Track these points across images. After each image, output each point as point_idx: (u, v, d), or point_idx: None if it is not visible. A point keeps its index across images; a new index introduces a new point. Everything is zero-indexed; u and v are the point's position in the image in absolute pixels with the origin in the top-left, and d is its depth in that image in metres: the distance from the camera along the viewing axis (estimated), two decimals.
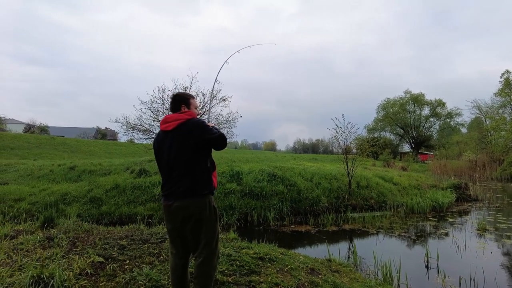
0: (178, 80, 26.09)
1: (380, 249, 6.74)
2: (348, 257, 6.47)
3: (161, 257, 3.70)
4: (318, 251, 7.06)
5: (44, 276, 2.82)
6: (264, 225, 9.15)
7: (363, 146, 14.32)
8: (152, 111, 14.82)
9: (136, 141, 20.84)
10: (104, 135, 55.59)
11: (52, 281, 2.80)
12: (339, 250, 6.52)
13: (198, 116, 2.98)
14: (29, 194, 9.93)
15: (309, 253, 6.04)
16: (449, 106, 49.58)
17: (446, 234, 8.58)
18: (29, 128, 46.10)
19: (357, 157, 12.54)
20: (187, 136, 2.69)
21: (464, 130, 48.62)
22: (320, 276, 3.92)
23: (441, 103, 47.75)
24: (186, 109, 2.84)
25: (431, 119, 49.20)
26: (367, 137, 34.63)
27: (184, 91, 3.10)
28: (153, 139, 16.18)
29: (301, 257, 4.68)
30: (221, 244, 4.40)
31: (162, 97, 14.42)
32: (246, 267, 3.64)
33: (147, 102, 14.66)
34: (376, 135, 46.38)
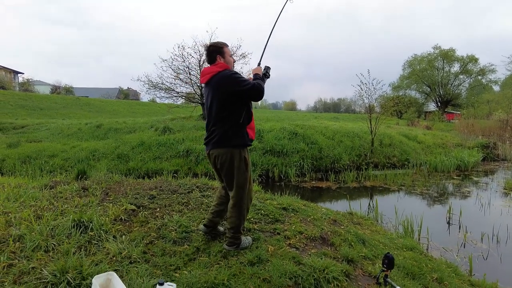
0: (198, 37, 25.64)
1: (401, 205, 6.78)
2: (369, 212, 6.56)
3: (190, 206, 3.88)
4: (339, 206, 7.19)
5: (84, 220, 3.04)
6: (285, 181, 9.33)
7: (387, 105, 13.92)
8: (172, 69, 14.81)
9: (158, 100, 21.05)
10: (126, 95, 56.26)
11: (91, 224, 3.03)
12: (360, 205, 6.61)
13: (234, 63, 3.03)
14: (61, 151, 10.42)
15: (330, 208, 6.17)
16: (483, 62, 46.48)
17: (470, 193, 8.49)
18: (55, 89, 47.23)
19: (381, 115, 12.23)
20: (217, 89, 2.76)
21: (496, 88, 45.86)
22: (342, 227, 4.02)
23: (473, 59, 44.71)
24: (221, 59, 2.87)
25: (461, 76, 46.46)
26: (392, 95, 33.44)
27: (218, 41, 3.13)
28: (174, 98, 16.31)
29: (323, 209, 4.79)
30: None
31: (182, 55, 14.29)
32: (271, 216, 3.78)
33: (168, 60, 14.60)
34: (401, 93, 44.64)
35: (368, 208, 7.00)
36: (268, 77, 3.04)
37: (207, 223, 3.13)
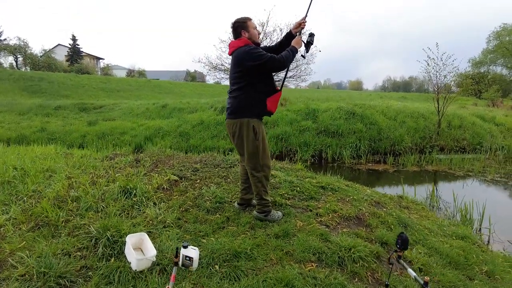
0: (256, 15, 25.59)
1: (464, 193, 6.17)
2: (426, 198, 6.11)
3: (228, 179, 4.05)
4: (393, 190, 6.82)
5: (129, 187, 3.38)
6: (338, 162, 9.09)
7: (465, 83, 12.46)
8: None
9: (220, 81, 21.69)
10: (193, 77, 58.86)
11: (135, 191, 3.35)
12: (415, 190, 6.17)
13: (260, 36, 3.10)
14: (130, 128, 11.43)
15: (382, 191, 5.87)
16: None
17: None
18: (130, 73, 51.42)
19: (449, 94, 10.96)
20: (235, 63, 2.94)
21: None
22: (384, 210, 3.84)
23: None
24: (246, 34, 2.95)
25: None
26: (470, 72, 29.78)
27: (241, 16, 3.29)
28: None
29: (367, 191, 4.59)
30: (286, 173, 4.55)
31: None
32: (306, 193, 3.76)
33: (226, 41, 14.86)
34: (482, 70, 39.54)
35: (426, 194, 6.52)
36: (312, 44, 3.06)
37: (239, 202, 3.38)
